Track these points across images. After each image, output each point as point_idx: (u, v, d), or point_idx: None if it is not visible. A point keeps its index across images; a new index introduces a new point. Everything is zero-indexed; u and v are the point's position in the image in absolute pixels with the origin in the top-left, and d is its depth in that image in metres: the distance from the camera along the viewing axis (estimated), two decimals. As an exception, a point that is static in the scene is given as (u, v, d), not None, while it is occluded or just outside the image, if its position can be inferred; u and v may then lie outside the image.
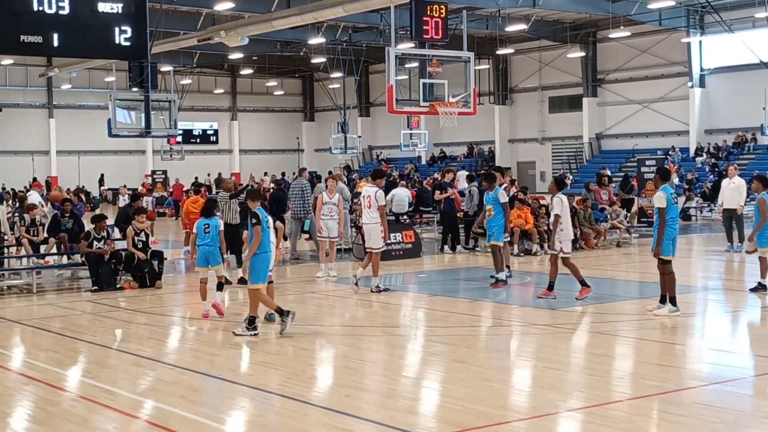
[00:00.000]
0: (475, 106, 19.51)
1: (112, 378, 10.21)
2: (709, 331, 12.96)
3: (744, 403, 8.69)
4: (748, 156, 43.10)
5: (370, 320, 13.83)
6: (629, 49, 48.01)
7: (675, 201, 13.25)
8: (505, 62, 54.93)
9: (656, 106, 47.94)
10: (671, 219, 13.08)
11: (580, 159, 51.34)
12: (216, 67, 61.65)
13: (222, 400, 9.15)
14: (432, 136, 50.99)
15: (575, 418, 8.21)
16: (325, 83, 61.00)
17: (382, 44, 39.79)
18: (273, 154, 67.11)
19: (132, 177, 56.08)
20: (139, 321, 14.23)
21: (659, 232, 13.01)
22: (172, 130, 26.15)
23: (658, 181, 13.49)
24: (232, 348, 11.94)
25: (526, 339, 12.37)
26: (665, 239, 12.98)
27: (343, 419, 8.16)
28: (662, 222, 12.96)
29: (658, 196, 13.16)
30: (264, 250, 12.08)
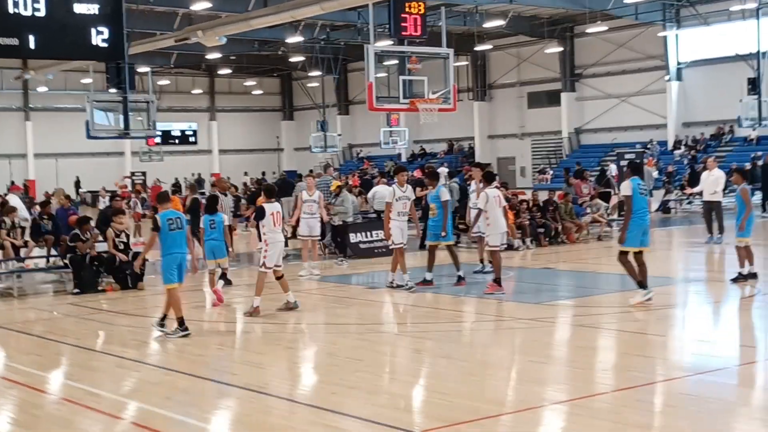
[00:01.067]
0: (455, 102, 19.56)
1: (95, 380, 10.16)
2: (691, 322, 13.03)
3: (727, 392, 8.75)
4: (725, 148, 43.33)
5: (354, 318, 13.80)
6: (606, 43, 48.16)
7: (643, 192, 13.37)
8: (483, 58, 54.99)
9: (634, 100, 48.12)
10: (641, 210, 13.21)
11: (560, 154, 51.48)
12: (194, 67, 61.40)
13: (207, 400, 9.11)
14: (412, 133, 51.00)
15: (561, 410, 8.24)
16: (303, 82, 60.92)
17: (360, 42, 39.75)
18: (253, 153, 66.91)
19: (111, 179, 55.67)
20: (121, 323, 14.15)
21: (625, 219, 13.25)
22: (151, 131, 26.05)
23: (628, 174, 13.74)
24: (217, 348, 11.92)
25: (510, 333, 12.41)
26: (633, 230, 13.10)
27: (329, 416, 8.15)
28: (628, 209, 13.19)
29: (624, 185, 13.37)
30: (170, 252, 12.14)
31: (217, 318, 14.30)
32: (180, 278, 12.19)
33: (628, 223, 13.14)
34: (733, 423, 7.67)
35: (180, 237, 12.24)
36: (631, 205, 13.13)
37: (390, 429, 7.66)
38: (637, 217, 13.13)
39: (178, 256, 12.18)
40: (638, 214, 13.15)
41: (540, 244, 22.30)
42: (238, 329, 13.60)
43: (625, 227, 13.17)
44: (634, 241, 13.15)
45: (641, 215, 13.20)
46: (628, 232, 13.11)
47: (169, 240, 12.12)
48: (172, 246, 12.13)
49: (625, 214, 13.35)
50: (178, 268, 12.16)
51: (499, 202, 15.27)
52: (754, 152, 38.67)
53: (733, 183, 16.07)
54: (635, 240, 13.15)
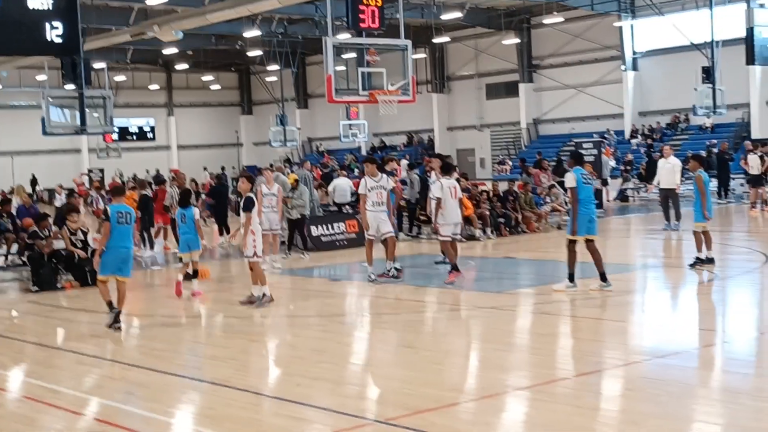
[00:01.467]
0: (414, 93, 19.58)
1: (56, 377, 10.08)
2: (649, 307, 13.19)
3: (687, 375, 8.87)
4: (681, 137, 43.80)
5: (316, 310, 13.80)
6: (563, 34, 48.44)
7: (587, 182, 13.57)
8: (441, 50, 55.07)
9: (591, 90, 48.47)
10: (586, 198, 13.42)
11: (519, 144, 51.75)
12: (150, 62, 60.92)
13: (171, 395, 9.08)
14: (371, 126, 50.97)
15: (523, 396, 8.31)
16: (262, 76, 60.68)
17: (318, 35, 39.68)
18: (212, 149, 66.51)
19: (68, 176, 55.07)
20: (81, 320, 14.07)
21: (573, 210, 13.44)
22: (108, 126, 25.85)
23: (571, 164, 13.88)
24: (178, 343, 11.87)
25: (472, 322, 12.48)
26: (580, 219, 13.33)
27: (295, 408, 8.15)
28: (574, 200, 13.38)
29: (568, 177, 13.57)
30: (113, 245, 12.20)
31: (179, 312, 14.24)
32: (123, 272, 12.31)
33: (577, 210, 13.32)
34: (693, 405, 7.78)
35: (126, 232, 12.33)
36: (577, 195, 13.30)
37: (355, 419, 7.68)
38: (582, 206, 13.35)
39: (122, 250, 12.26)
40: (583, 203, 13.37)
41: (500, 234, 22.43)
42: (200, 323, 13.57)
43: (574, 218, 13.35)
44: (581, 230, 13.34)
45: (586, 204, 13.42)
46: (577, 222, 13.28)
47: (114, 233, 12.20)
48: (117, 239, 12.20)
49: (571, 204, 13.56)
50: (122, 263, 12.26)
51: (454, 193, 15.28)
52: (709, 140, 39.16)
53: (690, 169, 16.26)
54: (582, 228, 13.34)
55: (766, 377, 8.69)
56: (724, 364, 9.36)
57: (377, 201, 15.40)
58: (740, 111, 41.42)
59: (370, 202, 15.37)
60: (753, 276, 14.92)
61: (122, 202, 12.71)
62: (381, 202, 15.42)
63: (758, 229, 23.20)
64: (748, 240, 20.98)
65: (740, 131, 41.73)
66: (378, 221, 15.34)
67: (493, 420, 7.63)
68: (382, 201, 15.43)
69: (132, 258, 12.54)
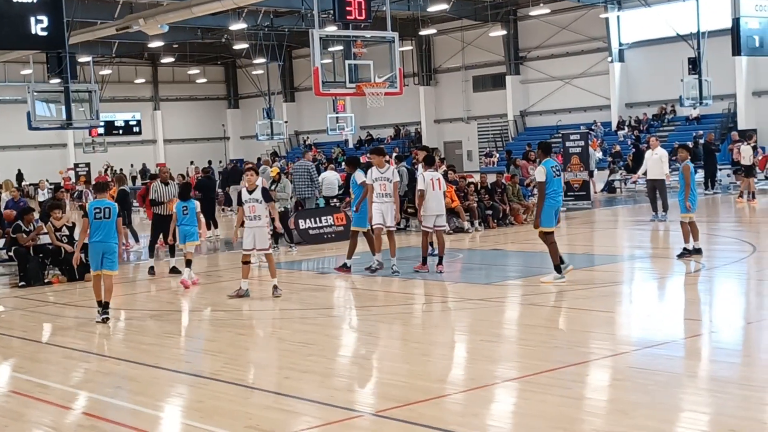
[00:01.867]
0: (402, 86, 19.55)
1: (44, 372, 10.05)
2: (637, 297, 13.24)
3: (675, 364, 8.90)
4: (668, 128, 43.94)
5: (305, 303, 13.79)
6: (549, 26, 48.50)
7: (557, 174, 13.70)
8: (428, 43, 55.06)
9: (578, 82, 48.56)
10: (553, 192, 13.55)
11: (506, 137, 51.80)
12: (136, 56, 60.68)
13: (159, 388, 9.06)
14: (358, 119, 50.95)
15: (513, 387, 8.33)
16: (248, 69, 60.45)
17: (304, 28, 39.56)
18: (198, 142, 66.39)
19: (54, 171, 54.94)
20: (69, 314, 14.02)
21: (538, 204, 13.59)
22: (94, 121, 25.66)
23: (540, 156, 14.03)
24: (167, 336, 11.85)
25: (460, 314, 12.49)
26: (546, 211, 13.47)
27: (284, 400, 8.16)
28: (541, 195, 13.54)
29: (538, 171, 13.69)
30: (91, 240, 12.44)
31: (167, 306, 14.21)
32: (107, 266, 12.45)
33: (542, 209, 13.49)
34: (681, 394, 7.81)
35: (105, 226, 12.41)
36: (545, 189, 13.46)
37: (344, 411, 7.69)
38: (550, 198, 13.51)
39: (100, 245, 12.39)
40: (551, 195, 13.53)
41: (488, 226, 22.47)
42: (187, 317, 13.54)
43: (539, 213, 13.54)
44: (549, 222, 13.54)
45: (554, 196, 13.60)
46: (543, 213, 13.48)
47: (92, 228, 12.40)
48: (96, 235, 12.38)
49: (539, 199, 13.73)
50: (104, 257, 12.42)
51: (438, 185, 15.36)
52: (696, 131, 39.28)
53: (679, 159, 16.31)
54: (550, 220, 13.54)
55: (753, 366, 8.72)
56: (712, 354, 9.39)
57: (381, 192, 15.49)
58: (726, 102, 41.58)
59: (375, 194, 15.51)
60: (740, 266, 14.98)
61: (105, 197, 12.85)
62: (384, 194, 15.49)
63: (745, 220, 23.29)
64: (735, 230, 21.06)
65: (727, 122, 41.90)
66: (382, 212, 15.44)
67: (482, 411, 7.64)
68: (385, 192, 15.49)
69: (115, 252, 12.52)
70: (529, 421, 7.26)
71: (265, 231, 13.93)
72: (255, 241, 13.87)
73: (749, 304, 12.29)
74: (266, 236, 13.97)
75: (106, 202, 12.66)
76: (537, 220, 13.59)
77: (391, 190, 15.51)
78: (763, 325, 10.61)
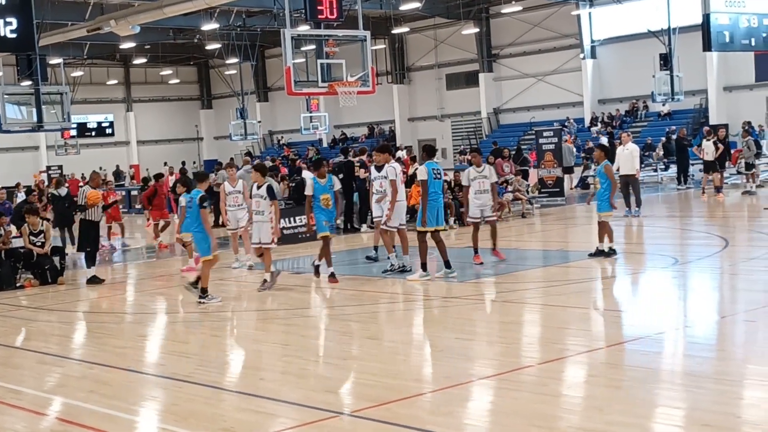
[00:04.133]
0: (374, 84, 19.55)
1: (17, 377, 9.96)
2: (611, 293, 13.27)
3: (650, 360, 8.92)
4: (640, 123, 44.20)
5: (279, 304, 13.72)
6: (522, 23, 48.64)
7: (437, 177, 14.21)
8: (401, 41, 55.07)
9: (551, 79, 48.73)
10: (433, 193, 14.04)
11: (480, 134, 51.90)
12: (108, 57, 60.29)
13: (133, 392, 8.99)
14: (332, 118, 50.86)
15: (488, 385, 8.33)
16: (221, 70, 60.20)
17: (277, 28, 39.44)
18: (172, 143, 66.05)
19: (26, 174, 54.43)
20: (42, 318, 13.90)
21: (423, 204, 14.05)
22: (66, 123, 25.51)
23: (423, 157, 14.60)
24: (140, 339, 11.77)
25: (435, 312, 12.49)
26: (430, 211, 14.02)
27: (259, 402, 8.12)
28: (424, 193, 14.00)
29: (420, 170, 14.19)
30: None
31: (140, 309, 14.13)
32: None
33: (426, 208, 13.99)
34: (656, 389, 7.83)
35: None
36: (427, 188, 13.95)
37: (320, 411, 7.65)
38: (431, 199, 14.02)
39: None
40: (432, 196, 14.04)
41: (463, 224, 22.44)
42: (162, 319, 13.46)
43: (424, 210, 13.99)
44: (431, 222, 14.02)
45: (435, 198, 14.11)
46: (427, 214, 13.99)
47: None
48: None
49: (422, 195, 14.14)
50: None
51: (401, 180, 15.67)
52: (668, 126, 39.53)
53: (596, 160, 16.60)
54: (433, 220, 14.03)
55: (727, 361, 8.76)
56: (686, 349, 9.43)
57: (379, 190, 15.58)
58: (698, 97, 41.89)
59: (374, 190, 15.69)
60: (713, 261, 15.06)
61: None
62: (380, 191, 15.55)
63: (716, 215, 23.43)
64: (707, 225, 21.18)
65: (698, 117, 42.20)
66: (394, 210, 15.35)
67: (458, 409, 7.63)
68: (381, 190, 15.52)
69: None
70: (505, 418, 7.26)
71: (268, 226, 14.40)
72: (260, 235, 14.52)
73: (723, 299, 12.36)
74: (269, 231, 14.43)
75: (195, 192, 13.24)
76: (424, 217, 13.99)
77: (387, 188, 15.40)
78: (737, 320, 10.66)
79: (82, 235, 16.98)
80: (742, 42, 24.06)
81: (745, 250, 16.14)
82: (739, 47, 24.36)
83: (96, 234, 16.87)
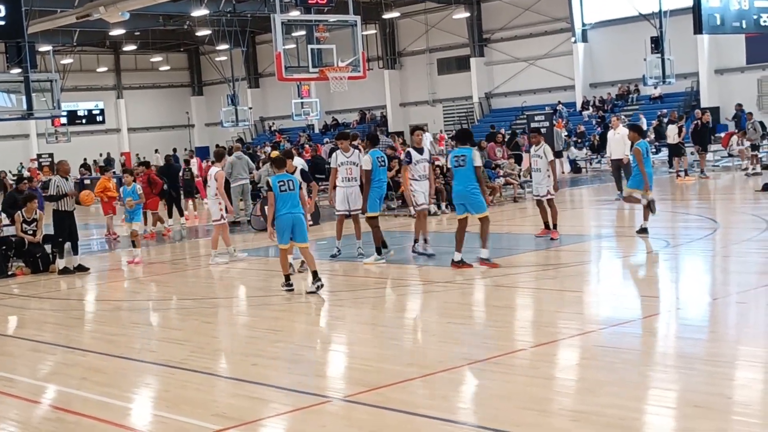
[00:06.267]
0: (365, 69, 19.53)
1: (10, 365, 9.94)
2: (603, 276, 13.30)
3: (641, 342, 8.96)
4: (632, 107, 44.18)
5: (271, 290, 13.70)
6: (513, 7, 48.54)
7: (381, 164, 14.93)
8: (391, 26, 54.91)
9: (542, 63, 48.66)
10: (378, 180, 14.85)
11: (471, 119, 51.84)
12: (98, 44, 59.97)
13: (126, 379, 8.99)
14: (323, 104, 50.74)
15: (481, 368, 8.32)
16: (211, 56, 59.98)
17: (267, 13, 39.26)
18: (163, 131, 65.82)
19: (16, 162, 54.39)
20: (34, 306, 13.88)
21: (365, 191, 14.77)
22: (56, 110, 25.38)
23: (368, 146, 15.27)
24: (133, 326, 11.76)
25: (428, 297, 12.49)
26: (371, 197, 14.72)
27: (251, 388, 8.11)
28: (367, 182, 14.68)
29: (365, 160, 14.79)
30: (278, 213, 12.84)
31: (132, 296, 14.10)
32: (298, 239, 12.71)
33: (368, 195, 14.67)
34: (647, 372, 7.85)
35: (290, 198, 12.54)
36: (371, 176, 14.59)
37: (313, 397, 7.65)
38: (375, 186, 14.74)
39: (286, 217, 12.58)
40: (376, 183, 14.78)
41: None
42: (154, 306, 13.44)
43: (366, 197, 14.68)
44: (374, 207, 14.74)
45: (379, 185, 14.89)
46: (369, 200, 14.67)
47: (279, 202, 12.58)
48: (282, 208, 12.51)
49: (365, 184, 14.76)
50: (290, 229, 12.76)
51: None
52: (660, 110, 39.53)
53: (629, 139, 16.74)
54: (376, 206, 14.78)
55: (719, 342, 8.79)
56: (678, 331, 9.46)
57: (347, 176, 15.47)
58: (689, 80, 41.87)
59: (341, 178, 15.51)
60: (705, 243, 15.09)
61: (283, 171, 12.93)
62: (351, 178, 15.47)
63: (708, 197, 23.48)
64: (698, 208, 21.22)
65: (690, 100, 42.18)
66: (347, 196, 15.42)
67: (451, 393, 7.64)
68: (352, 177, 15.45)
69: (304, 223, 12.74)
70: (498, 402, 7.27)
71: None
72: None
73: (715, 281, 12.39)
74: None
75: (287, 175, 12.73)
76: (364, 205, 14.75)
77: (357, 174, 15.40)
78: (729, 301, 10.69)
79: (57, 226, 16.76)
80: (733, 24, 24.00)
81: (737, 233, 16.17)
82: (731, 30, 24.30)
83: (71, 223, 16.72)
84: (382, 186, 14.95)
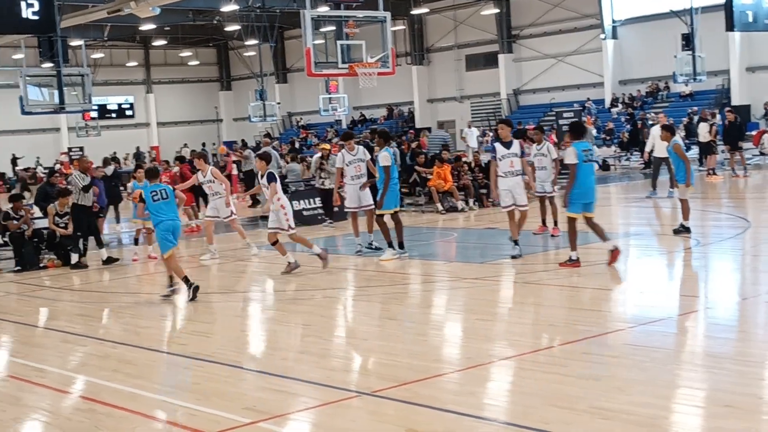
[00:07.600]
0: (394, 66, 19.53)
1: (41, 356, 10.06)
2: (632, 275, 13.23)
3: (670, 341, 8.93)
4: (661, 104, 43.85)
5: (299, 284, 13.76)
6: (542, 3, 48.33)
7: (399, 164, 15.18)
8: (420, 22, 54.85)
9: (571, 60, 48.43)
10: (394, 178, 14.93)
11: (499, 115, 51.67)
12: (128, 39, 60.36)
13: (156, 371, 9.08)
14: (351, 99, 50.78)
15: (509, 365, 8.34)
16: (240, 51, 60.27)
17: (296, 9, 39.35)
18: (191, 125, 66.16)
19: (48, 155, 54.80)
20: (65, 298, 14.02)
21: (384, 187, 14.74)
22: (87, 104, 25.68)
23: (381, 144, 15.37)
24: (162, 319, 11.86)
25: (456, 293, 12.49)
26: (389, 194, 14.75)
27: (280, 381, 8.17)
28: (387, 178, 14.71)
29: (383, 156, 14.80)
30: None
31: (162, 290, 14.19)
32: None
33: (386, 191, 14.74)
34: (677, 370, 7.83)
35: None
36: (390, 173, 14.71)
37: (341, 391, 7.69)
38: (392, 183, 14.86)
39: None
40: (393, 180, 14.90)
41: (483, 205, 22.46)
42: (183, 300, 13.53)
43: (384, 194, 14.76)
44: (390, 205, 14.84)
45: (394, 182, 14.97)
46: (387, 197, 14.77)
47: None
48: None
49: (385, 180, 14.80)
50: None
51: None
52: (690, 107, 39.25)
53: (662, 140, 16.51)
54: (390, 203, 14.84)
55: (748, 342, 8.74)
56: (707, 330, 9.41)
57: (355, 174, 15.58)
58: (720, 78, 41.52)
59: (349, 176, 15.63)
60: (735, 242, 14.99)
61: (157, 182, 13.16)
62: (359, 175, 15.58)
63: (739, 196, 23.31)
64: (729, 206, 21.07)
65: (720, 98, 41.85)
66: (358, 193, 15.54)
67: (478, 390, 7.66)
68: (360, 174, 15.59)
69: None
70: (526, 399, 7.27)
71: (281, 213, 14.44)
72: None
73: (744, 280, 12.30)
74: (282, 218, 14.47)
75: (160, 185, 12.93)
76: (381, 201, 14.79)
77: (365, 170, 15.61)
78: (759, 301, 10.62)
79: (75, 221, 16.83)
80: (766, 22, 23.85)
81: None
82: (763, 27, 24.15)
83: (89, 218, 16.83)
84: (396, 183, 15.18)
